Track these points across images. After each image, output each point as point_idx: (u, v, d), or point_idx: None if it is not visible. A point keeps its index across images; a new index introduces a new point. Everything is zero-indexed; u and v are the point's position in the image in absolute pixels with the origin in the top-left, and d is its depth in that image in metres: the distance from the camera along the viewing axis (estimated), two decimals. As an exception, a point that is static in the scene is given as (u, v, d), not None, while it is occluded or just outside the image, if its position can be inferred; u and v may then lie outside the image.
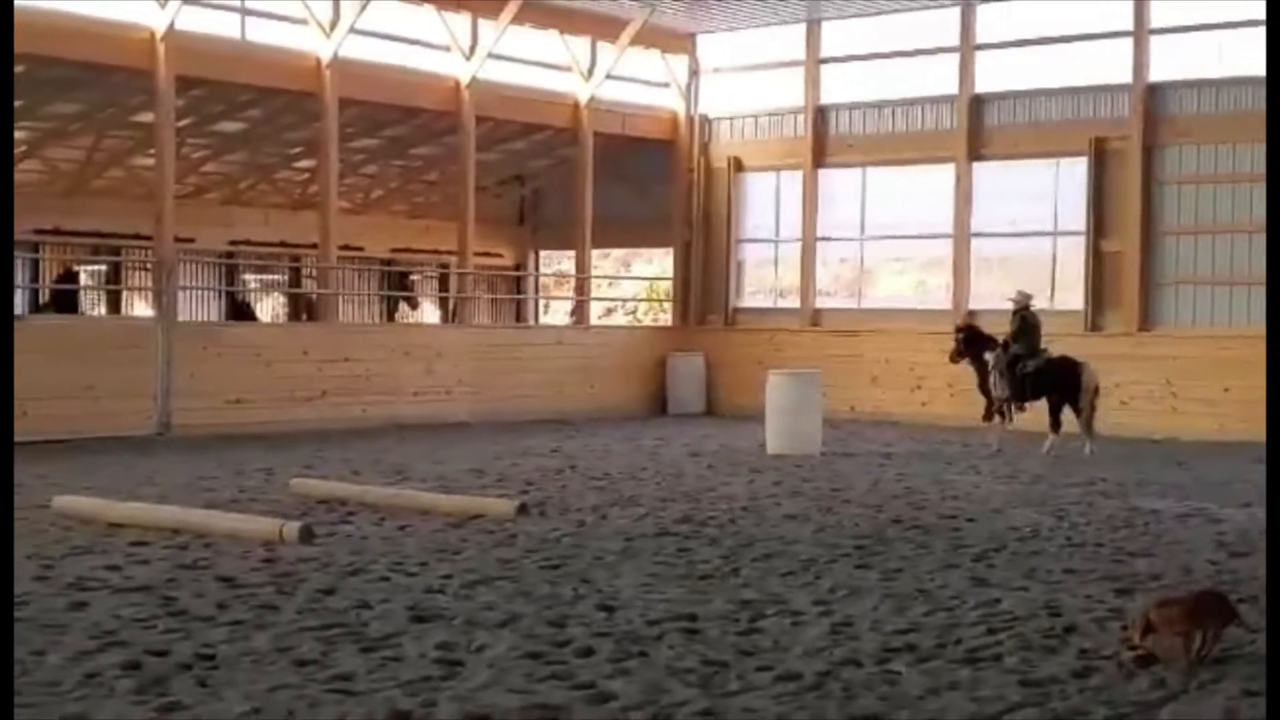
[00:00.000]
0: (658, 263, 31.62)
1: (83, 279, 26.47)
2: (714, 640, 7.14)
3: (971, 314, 21.97)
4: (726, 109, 25.80)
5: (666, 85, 25.91)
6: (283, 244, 27.48)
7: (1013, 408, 17.84)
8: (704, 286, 25.94)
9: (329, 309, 22.50)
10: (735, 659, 6.76)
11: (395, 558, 9.43)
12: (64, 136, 23.94)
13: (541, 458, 16.50)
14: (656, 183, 26.42)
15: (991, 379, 17.80)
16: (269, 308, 28.49)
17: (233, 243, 27.25)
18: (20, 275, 25.23)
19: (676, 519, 11.45)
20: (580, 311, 25.86)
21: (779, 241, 25.49)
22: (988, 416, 18.02)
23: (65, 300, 24.27)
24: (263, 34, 20.59)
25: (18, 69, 20.18)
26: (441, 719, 5.67)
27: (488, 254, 27.48)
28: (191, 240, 24.63)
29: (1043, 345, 17.87)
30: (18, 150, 23.92)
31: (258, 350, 19.79)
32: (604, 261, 30.56)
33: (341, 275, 24.95)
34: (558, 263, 31.81)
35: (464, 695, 6.02)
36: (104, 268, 26.62)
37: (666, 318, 27.91)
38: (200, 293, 27.02)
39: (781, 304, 25.48)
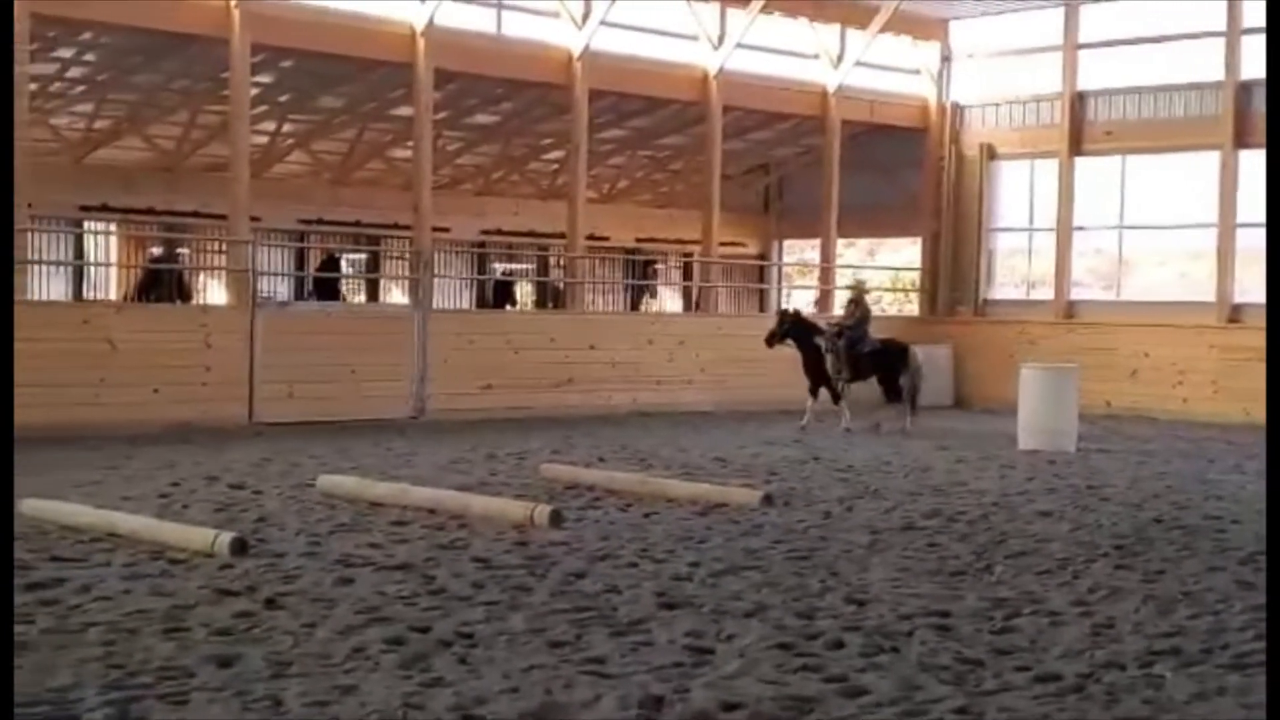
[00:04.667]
0: (904, 252, 31.23)
1: (343, 266, 27.49)
2: (968, 638, 7.00)
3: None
4: (979, 96, 25.30)
5: (917, 72, 25.53)
6: (531, 233, 28.07)
7: (848, 387, 19.31)
8: (953, 276, 25.49)
9: (575, 297, 22.87)
10: (990, 657, 6.61)
11: (642, 544, 9.51)
12: (329, 129, 24.93)
13: (784, 448, 16.44)
14: (904, 170, 26.08)
15: (828, 361, 19.21)
16: (518, 296, 29.12)
17: (484, 232, 27.95)
18: (286, 263, 26.38)
19: (925, 513, 11.27)
20: (824, 301, 25.69)
21: (1032, 231, 24.90)
22: (814, 394, 19.37)
23: (327, 287, 25.23)
24: (517, 28, 20.99)
25: (287, 64, 21.15)
26: (695, 706, 5.69)
27: (731, 243, 27.52)
28: (446, 230, 25.35)
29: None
30: (285, 144, 25.02)
31: (508, 337, 20.23)
32: (848, 250, 30.31)
33: (588, 264, 25.31)
34: (801, 251, 31.68)
35: (716, 683, 6.03)
36: (364, 256, 27.61)
37: (913, 308, 27.54)
38: (453, 281, 27.78)
39: (1034, 295, 24.88)
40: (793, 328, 19.60)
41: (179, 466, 13.27)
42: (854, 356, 19.11)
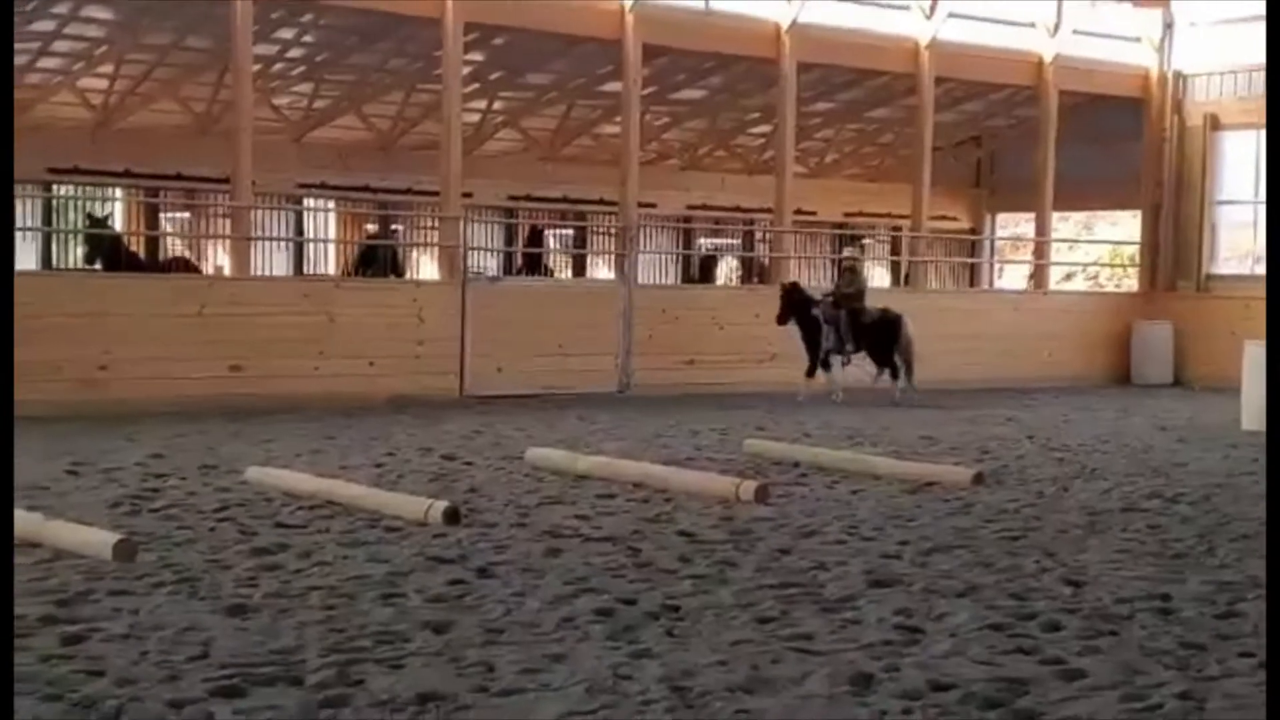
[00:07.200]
0: (1122, 225, 30.30)
1: (550, 242, 27.85)
2: (1190, 622, 6.75)
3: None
4: (1203, 64, 24.31)
5: (1138, 40, 24.65)
6: (737, 208, 28.01)
7: (849, 359, 18.94)
8: (1174, 251, 24.60)
9: (780, 273, 22.73)
10: (1213, 642, 6.37)
11: (849, 521, 9.41)
12: (538, 107, 25.24)
13: (996, 426, 16.11)
14: (1122, 142, 25.24)
15: (825, 332, 18.65)
16: (723, 271, 29.10)
17: (690, 207, 27.98)
18: (496, 239, 26.86)
19: (1145, 494, 10.92)
20: (1039, 276, 25.08)
21: (1258, 203, 23.86)
22: (812, 371, 18.85)
23: (533, 262, 25.62)
24: (725, 2, 20.85)
25: (498, 42, 21.44)
26: (906, 685, 5.60)
27: (942, 217, 27.02)
28: (652, 205, 25.46)
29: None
30: (496, 121, 25.43)
31: (712, 313, 20.21)
32: (1063, 224, 29.52)
33: (794, 239, 25.13)
34: (1014, 225, 30.97)
35: (927, 663, 5.93)
36: (570, 232, 27.92)
37: (1131, 283, 26.70)
38: (658, 256, 27.88)
39: (1259, 270, 23.84)
40: (795, 301, 18.98)
41: (393, 437, 13.62)
42: (856, 328, 18.83)
